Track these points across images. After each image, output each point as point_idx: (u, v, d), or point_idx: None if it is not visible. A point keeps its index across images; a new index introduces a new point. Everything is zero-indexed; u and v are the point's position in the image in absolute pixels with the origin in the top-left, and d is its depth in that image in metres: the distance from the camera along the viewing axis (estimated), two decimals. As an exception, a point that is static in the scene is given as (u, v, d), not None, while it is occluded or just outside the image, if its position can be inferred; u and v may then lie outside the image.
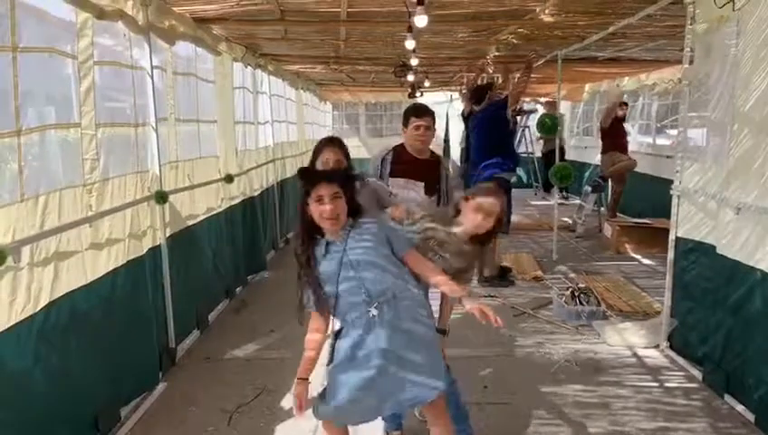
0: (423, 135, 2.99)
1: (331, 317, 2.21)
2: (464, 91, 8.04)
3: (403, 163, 3.08)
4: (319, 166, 2.58)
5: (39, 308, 2.35)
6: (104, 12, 2.85)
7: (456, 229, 2.33)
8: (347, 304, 2.10)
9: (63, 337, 2.52)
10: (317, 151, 2.63)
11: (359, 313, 2.08)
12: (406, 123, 3.02)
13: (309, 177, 2.16)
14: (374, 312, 2.05)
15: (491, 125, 5.53)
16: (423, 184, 3.10)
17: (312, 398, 2.18)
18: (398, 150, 3.13)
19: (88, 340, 2.71)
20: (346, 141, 2.82)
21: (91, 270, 2.76)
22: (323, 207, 2.07)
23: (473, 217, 2.30)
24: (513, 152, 5.56)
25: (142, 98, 3.42)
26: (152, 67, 3.46)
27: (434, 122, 3.03)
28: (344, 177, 2.18)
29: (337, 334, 2.18)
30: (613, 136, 7.52)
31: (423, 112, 3.00)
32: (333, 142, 2.67)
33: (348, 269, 2.08)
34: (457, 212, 2.39)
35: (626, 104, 7.99)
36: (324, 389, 2.18)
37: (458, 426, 2.66)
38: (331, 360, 2.18)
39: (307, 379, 2.17)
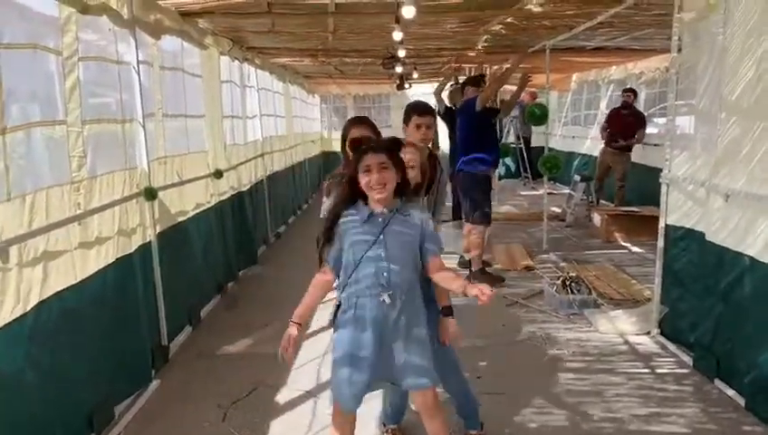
0: (425, 134, 2.99)
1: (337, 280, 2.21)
2: (449, 86, 8.03)
3: None
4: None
5: (29, 308, 2.32)
6: (88, 6, 2.81)
7: None
8: (364, 276, 2.10)
9: (54, 337, 2.49)
10: (345, 132, 2.65)
11: (373, 292, 2.09)
12: (407, 121, 3.02)
13: (358, 147, 2.18)
14: (387, 299, 2.07)
15: (466, 122, 5.49)
16: None
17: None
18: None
19: (79, 339, 2.68)
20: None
21: (80, 269, 2.73)
22: (371, 176, 2.07)
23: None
24: (493, 147, 5.52)
25: (129, 93, 3.37)
26: (138, 62, 3.42)
27: (435, 121, 3.04)
28: (392, 147, 2.16)
29: (338, 306, 2.18)
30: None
31: (424, 111, 3.00)
32: (361, 121, 2.70)
33: (380, 247, 2.08)
34: None
35: (632, 91, 7.70)
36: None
37: (470, 421, 2.70)
38: (332, 323, 2.20)
39: (301, 324, 2.19)
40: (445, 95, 7.79)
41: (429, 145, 3.12)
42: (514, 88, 6.34)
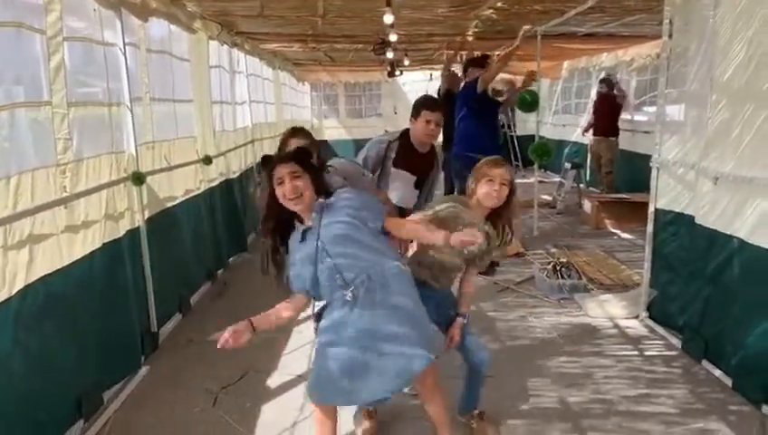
0: (433, 130, 2.97)
1: (312, 300, 2.22)
2: (451, 70, 7.92)
3: (406, 156, 3.08)
4: None
5: (14, 292, 2.29)
6: (72, -15, 2.75)
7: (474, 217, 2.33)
8: (326, 286, 2.10)
9: (41, 321, 2.46)
10: (283, 143, 2.62)
11: (338, 294, 2.08)
12: (416, 115, 2.98)
13: (266, 162, 2.15)
14: (349, 296, 2.04)
15: (467, 103, 5.33)
16: (415, 178, 3.16)
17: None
18: (404, 141, 3.10)
19: (66, 324, 2.65)
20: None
21: (67, 253, 2.70)
22: (284, 187, 2.04)
23: (488, 190, 2.31)
24: (493, 133, 5.40)
25: (115, 76, 3.31)
26: (125, 44, 3.36)
27: (443, 119, 3.01)
28: (299, 155, 2.14)
29: (319, 315, 2.18)
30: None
31: (435, 107, 2.96)
32: (298, 132, 2.66)
33: (323, 253, 2.06)
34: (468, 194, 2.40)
35: (606, 80, 7.94)
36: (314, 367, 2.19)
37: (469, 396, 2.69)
38: (316, 331, 2.19)
39: (253, 325, 2.18)
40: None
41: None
42: (508, 76, 6.24)
